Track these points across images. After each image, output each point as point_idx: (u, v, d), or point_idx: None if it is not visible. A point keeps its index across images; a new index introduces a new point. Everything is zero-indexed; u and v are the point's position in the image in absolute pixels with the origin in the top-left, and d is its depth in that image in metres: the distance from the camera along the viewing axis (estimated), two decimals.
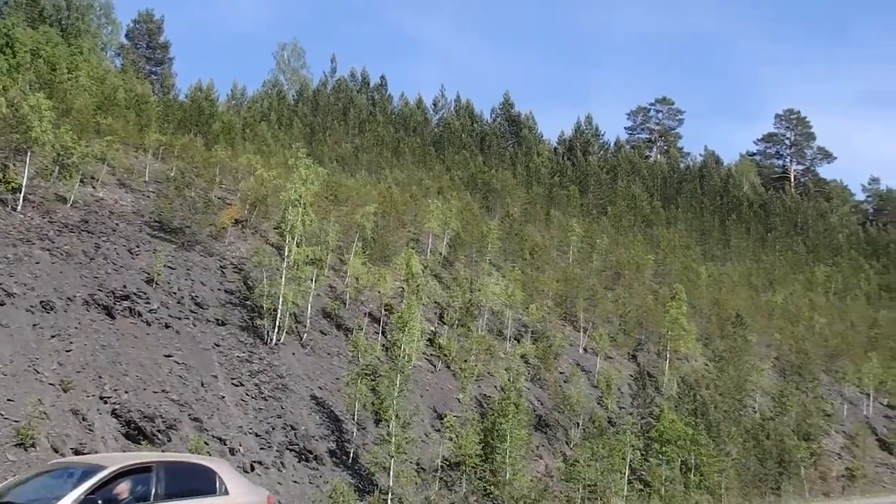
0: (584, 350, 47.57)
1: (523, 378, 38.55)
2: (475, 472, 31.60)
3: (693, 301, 54.38)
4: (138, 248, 33.18)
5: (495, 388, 37.84)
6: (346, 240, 41.82)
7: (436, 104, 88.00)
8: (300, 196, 34.65)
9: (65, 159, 34.09)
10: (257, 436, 28.57)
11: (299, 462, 28.86)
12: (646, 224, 74.10)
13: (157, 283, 31.62)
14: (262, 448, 28.25)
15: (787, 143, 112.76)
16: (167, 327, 30.05)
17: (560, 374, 43.19)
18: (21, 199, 31.69)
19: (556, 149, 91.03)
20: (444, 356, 38.44)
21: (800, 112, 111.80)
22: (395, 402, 28.84)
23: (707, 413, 42.13)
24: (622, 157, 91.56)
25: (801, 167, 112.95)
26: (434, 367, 38.05)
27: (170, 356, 28.88)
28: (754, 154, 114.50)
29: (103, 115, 43.03)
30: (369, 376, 31.04)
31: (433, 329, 40.06)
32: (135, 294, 30.31)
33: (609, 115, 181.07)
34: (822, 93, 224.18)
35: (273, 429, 29.18)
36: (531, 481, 33.29)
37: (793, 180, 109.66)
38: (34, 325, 26.52)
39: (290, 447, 29.06)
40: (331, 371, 33.84)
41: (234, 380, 29.97)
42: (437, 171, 67.66)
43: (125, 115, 45.55)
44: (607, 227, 67.67)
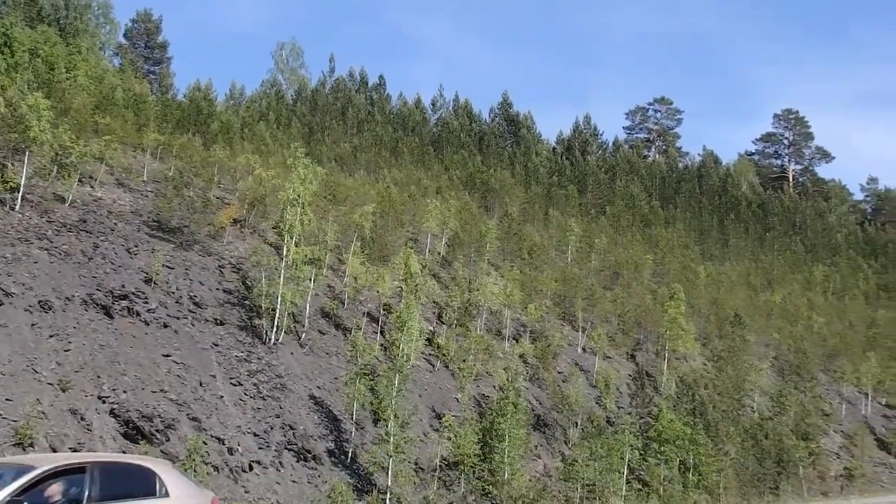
0: (583, 350, 47.58)
1: (522, 378, 38.58)
2: (474, 472, 31.60)
3: (691, 301, 54.40)
4: (136, 247, 33.17)
5: (494, 387, 37.84)
6: (345, 239, 41.82)
7: (434, 104, 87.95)
8: (298, 196, 34.65)
9: (63, 159, 34.10)
10: (256, 435, 28.57)
11: (298, 462, 28.86)
12: (644, 224, 74.09)
13: (155, 283, 31.61)
14: (260, 448, 28.25)
15: (785, 142, 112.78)
16: (165, 327, 30.04)
17: (558, 373, 43.21)
18: (19, 199, 31.67)
19: (554, 148, 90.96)
20: (443, 356, 38.44)
21: (798, 112, 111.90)
22: (393, 402, 28.84)
23: (705, 413, 42.16)
24: (621, 156, 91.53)
25: (799, 167, 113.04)
26: (432, 366, 38.05)
27: (168, 356, 28.87)
28: (753, 154, 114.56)
29: (101, 114, 43.03)
30: (368, 376, 31.05)
31: (432, 329, 40.07)
32: (133, 294, 30.30)
33: (607, 115, 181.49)
34: (820, 93, 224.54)
35: (271, 428, 29.18)
36: (530, 481, 33.30)
37: (791, 180, 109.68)
38: (32, 325, 26.51)
39: (289, 447, 29.06)
40: (329, 371, 33.84)
41: (232, 379, 29.97)
42: (435, 170, 67.67)
43: (123, 115, 45.54)
44: (606, 227, 67.68)
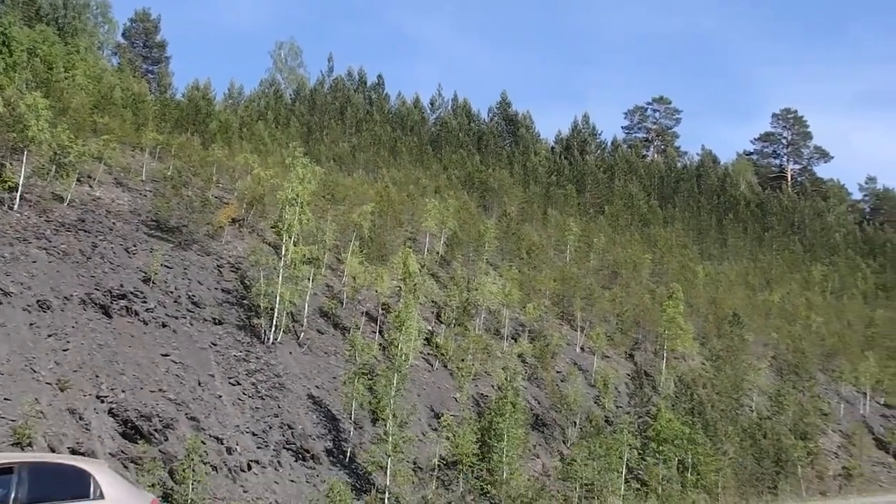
0: (581, 349, 47.59)
1: (520, 377, 38.59)
2: (472, 472, 31.61)
3: (690, 300, 54.43)
4: (135, 247, 33.16)
5: (492, 387, 37.86)
6: (343, 239, 41.83)
7: (433, 103, 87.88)
8: (297, 195, 34.66)
9: (61, 158, 34.10)
10: (254, 435, 28.57)
11: (296, 461, 28.87)
12: (643, 223, 74.09)
13: (153, 283, 31.60)
14: (258, 447, 28.26)
15: (783, 142, 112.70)
16: (164, 326, 30.04)
17: (557, 373, 43.22)
18: (18, 198, 31.66)
19: (553, 148, 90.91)
20: (441, 355, 38.45)
21: (797, 111, 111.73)
22: (392, 402, 28.85)
23: (704, 412, 42.19)
24: (619, 156, 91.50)
25: (797, 166, 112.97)
26: (431, 366, 38.05)
27: (167, 355, 28.87)
28: (751, 153, 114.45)
29: (100, 114, 43.02)
30: (366, 375, 31.07)
31: (430, 328, 40.07)
32: (132, 293, 30.30)
33: (606, 115, 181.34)
34: (819, 93, 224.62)
35: (270, 428, 29.18)
36: (528, 480, 33.32)
37: (790, 179, 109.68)
38: (31, 325, 26.50)
39: (287, 446, 29.07)
40: (328, 370, 33.85)
41: (230, 379, 29.97)
42: (434, 170, 67.65)
43: (122, 115, 45.53)
44: (604, 227, 67.69)
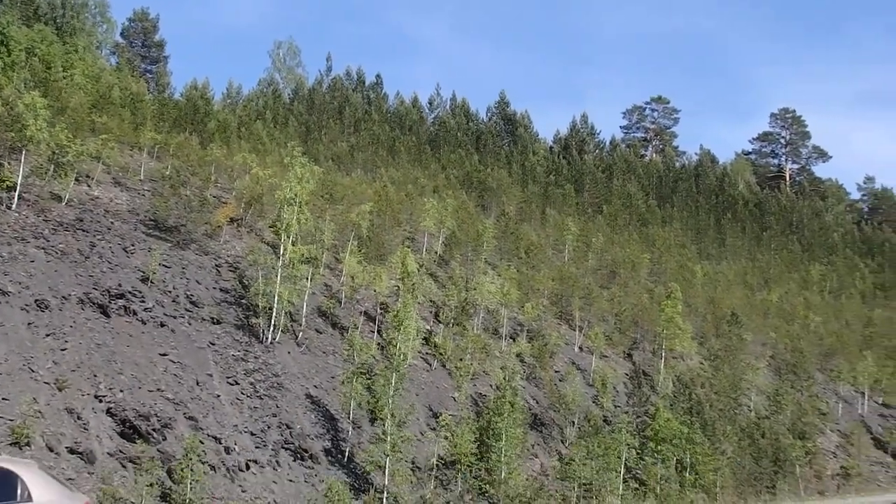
0: (580, 349, 47.61)
1: (519, 377, 38.61)
2: (470, 471, 31.61)
3: (688, 300, 54.46)
4: (133, 246, 33.15)
5: (491, 386, 37.87)
6: (342, 238, 41.83)
7: (431, 103, 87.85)
8: (295, 195, 34.66)
9: (60, 158, 34.08)
10: (253, 434, 28.57)
11: (295, 461, 28.87)
12: (641, 223, 74.13)
13: (152, 282, 31.60)
14: (257, 447, 28.26)
15: (782, 142, 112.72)
16: (162, 326, 30.03)
17: (555, 372, 43.24)
18: (16, 198, 31.64)
19: (551, 147, 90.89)
20: (440, 355, 38.46)
21: (795, 111, 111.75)
22: (390, 401, 28.85)
23: (702, 412, 42.21)
24: (618, 155, 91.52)
25: (796, 166, 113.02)
26: (429, 365, 38.07)
27: (165, 355, 28.87)
28: (750, 153, 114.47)
29: (98, 113, 43.00)
30: (365, 375, 31.07)
31: (429, 328, 40.07)
32: (130, 293, 30.29)
33: (605, 115, 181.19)
34: (819, 92, 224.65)
35: (268, 427, 29.19)
36: (526, 480, 33.33)
37: (788, 179, 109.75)
38: (29, 324, 26.49)
39: (286, 446, 29.08)
40: (326, 370, 33.85)
41: (229, 378, 29.97)
42: (432, 169, 67.65)
43: (120, 114, 45.51)
44: (603, 226, 67.71)
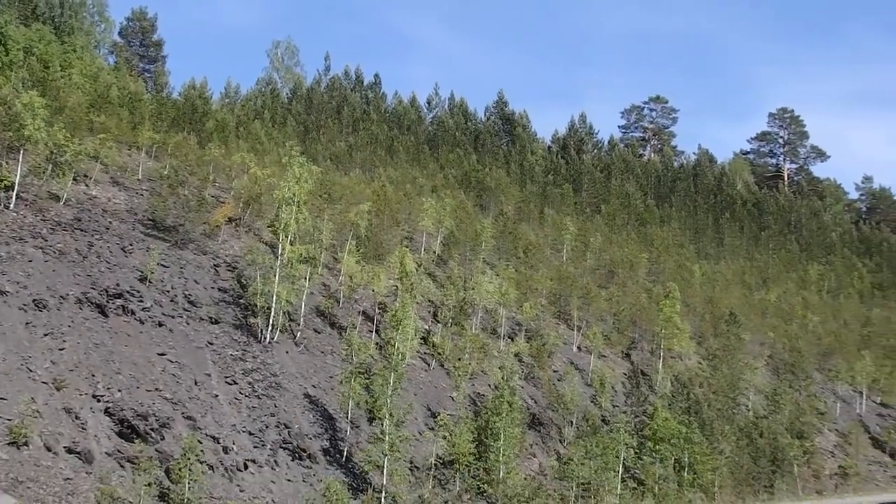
0: (578, 348, 47.62)
1: (517, 376, 38.68)
2: (469, 471, 31.64)
3: (686, 299, 54.49)
4: (131, 246, 33.14)
5: (489, 386, 37.89)
6: (340, 238, 41.82)
7: (430, 102, 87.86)
8: (294, 194, 34.68)
9: (58, 157, 34.08)
10: (251, 434, 28.58)
11: (293, 460, 28.89)
12: (639, 222, 74.14)
13: (150, 282, 31.59)
14: (255, 446, 28.27)
15: (780, 141, 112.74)
16: (160, 326, 30.03)
17: (554, 372, 43.26)
18: (14, 197, 31.63)
19: (550, 147, 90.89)
20: (438, 354, 38.47)
21: (793, 111, 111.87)
22: (388, 401, 28.88)
23: (700, 411, 42.25)
24: (616, 155, 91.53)
25: (794, 166, 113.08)
26: (428, 365, 38.08)
27: (163, 354, 28.88)
28: (748, 153, 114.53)
29: (96, 112, 42.99)
30: (363, 374, 31.08)
31: (427, 327, 40.08)
32: (128, 292, 30.29)
33: (604, 114, 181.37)
34: (817, 92, 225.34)
35: (266, 427, 29.19)
36: (525, 479, 33.36)
37: (786, 179, 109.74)
38: (27, 324, 26.48)
39: (284, 445, 29.09)
40: (324, 369, 33.86)
41: (227, 378, 29.96)
42: (430, 169, 67.65)
43: (118, 113, 45.48)
44: (601, 226, 67.73)
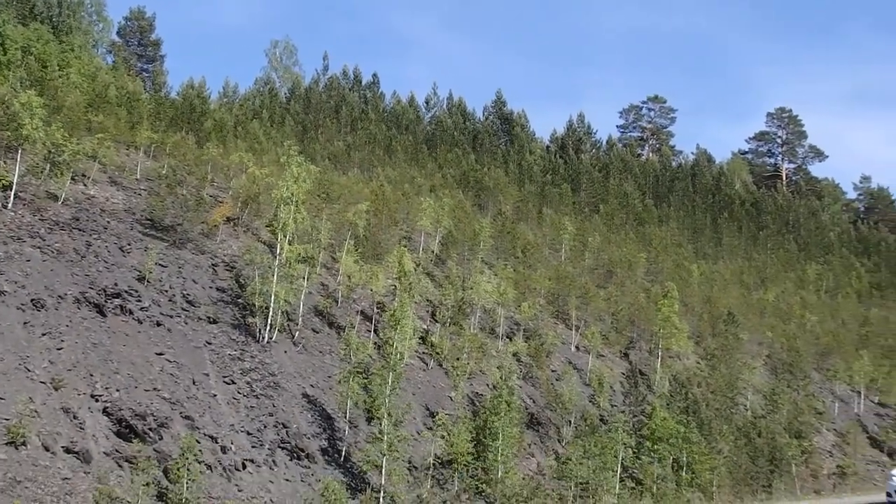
0: (577, 348, 47.62)
1: (515, 376, 38.65)
2: (467, 471, 31.63)
3: (685, 299, 54.50)
4: (130, 245, 33.11)
5: (487, 386, 37.89)
6: (338, 238, 41.80)
7: (428, 102, 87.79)
8: (292, 194, 34.65)
9: (56, 157, 34.03)
10: (249, 434, 28.56)
11: (291, 460, 28.86)
12: (638, 222, 74.15)
13: (148, 281, 31.56)
14: (253, 446, 28.25)
15: (778, 141, 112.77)
16: (158, 325, 30.00)
17: (552, 372, 43.26)
18: (12, 197, 31.58)
19: (548, 147, 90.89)
20: (437, 354, 38.45)
21: (791, 111, 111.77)
22: (387, 401, 28.87)
23: (699, 411, 42.25)
24: (614, 155, 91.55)
25: (792, 166, 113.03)
26: (426, 365, 38.07)
27: (161, 354, 28.85)
28: (746, 152, 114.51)
29: (94, 112, 42.91)
30: (361, 374, 31.05)
31: (425, 327, 40.06)
32: (126, 292, 30.26)
33: (603, 114, 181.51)
34: (816, 92, 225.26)
35: (265, 427, 29.17)
36: (523, 479, 33.35)
37: (784, 179, 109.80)
38: (25, 323, 26.45)
39: (282, 445, 29.07)
40: (323, 369, 33.84)
41: (225, 378, 29.94)
42: (429, 169, 67.63)
43: (116, 113, 45.43)
44: (599, 226, 67.73)
